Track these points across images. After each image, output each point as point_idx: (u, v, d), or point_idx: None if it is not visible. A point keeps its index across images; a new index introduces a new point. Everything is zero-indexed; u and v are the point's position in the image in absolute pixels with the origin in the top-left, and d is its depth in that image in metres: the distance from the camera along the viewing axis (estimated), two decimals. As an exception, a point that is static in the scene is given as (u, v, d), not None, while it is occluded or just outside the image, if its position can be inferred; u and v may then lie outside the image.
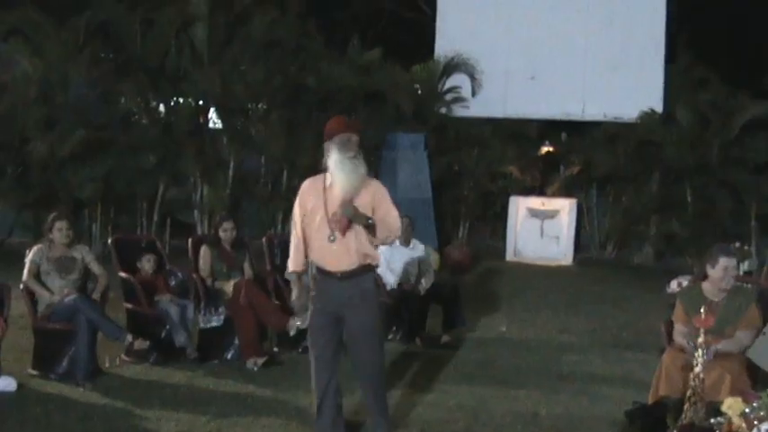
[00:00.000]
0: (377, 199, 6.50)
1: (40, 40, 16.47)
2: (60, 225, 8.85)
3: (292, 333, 9.21)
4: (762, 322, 7.30)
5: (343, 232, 6.42)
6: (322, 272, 6.57)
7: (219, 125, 18.19)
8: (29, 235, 15.22)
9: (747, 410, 5.67)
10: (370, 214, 6.41)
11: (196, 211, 17.82)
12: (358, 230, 6.45)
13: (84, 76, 16.31)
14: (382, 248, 10.37)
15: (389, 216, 6.53)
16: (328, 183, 6.50)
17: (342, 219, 6.37)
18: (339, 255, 6.45)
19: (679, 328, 7.43)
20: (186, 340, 9.26)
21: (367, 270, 6.58)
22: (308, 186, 6.65)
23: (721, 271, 7.26)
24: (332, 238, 6.43)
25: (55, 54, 16.36)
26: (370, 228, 6.43)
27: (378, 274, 10.26)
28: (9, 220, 16.60)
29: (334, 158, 6.44)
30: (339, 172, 6.41)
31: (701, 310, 6.43)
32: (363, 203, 6.42)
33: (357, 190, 6.40)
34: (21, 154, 15.74)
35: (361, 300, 6.52)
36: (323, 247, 6.49)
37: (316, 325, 6.64)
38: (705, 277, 7.45)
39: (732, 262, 7.29)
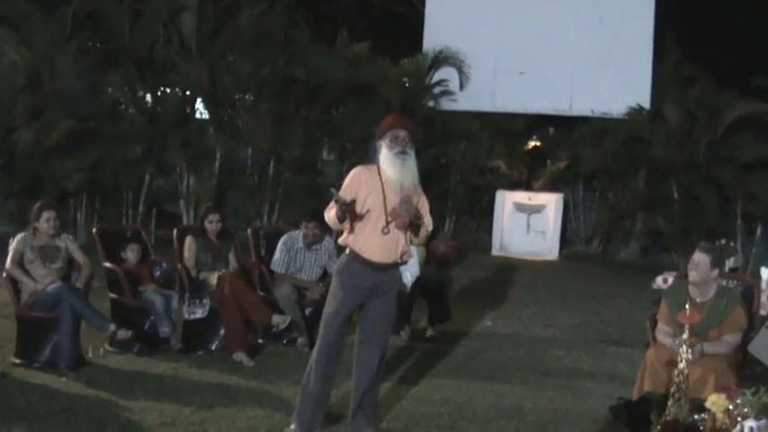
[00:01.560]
0: (422, 201, 6.76)
1: (28, 29, 16.35)
2: (48, 215, 8.80)
3: (282, 327, 9.24)
4: (747, 323, 7.33)
5: (404, 228, 6.60)
6: (361, 260, 6.64)
7: (206, 116, 18.15)
8: (13, 224, 15.13)
9: (731, 407, 5.69)
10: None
11: (182, 202, 17.78)
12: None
13: (71, 66, 16.23)
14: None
15: (427, 216, 6.78)
16: (384, 178, 6.61)
17: (403, 216, 6.52)
18: (388, 247, 6.62)
19: (662, 327, 7.46)
20: (171, 331, 9.24)
21: (396, 266, 6.75)
22: (363, 174, 6.70)
23: (692, 264, 7.29)
24: (386, 230, 6.58)
25: (42, 43, 16.27)
26: (418, 228, 6.64)
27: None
28: (-7, 210, 16.57)
29: (384, 155, 6.62)
30: (391, 169, 6.58)
31: (686, 306, 6.43)
32: (412, 200, 6.63)
33: (412, 185, 6.66)
34: (6, 143, 15.64)
35: (389, 292, 6.75)
36: (374, 238, 6.60)
37: (338, 312, 6.72)
38: (686, 276, 7.49)
39: (704, 258, 7.28)
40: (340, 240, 6.76)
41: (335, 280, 6.80)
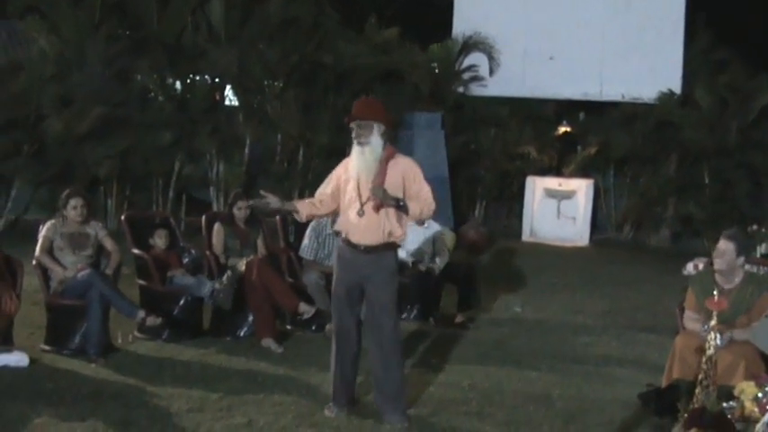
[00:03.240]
0: (408, 177, 6.81)
1: (57, 17, 16.41)
2: (75, 202, 8.82)
3: (307, 317, 9.26)
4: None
5: (377, 210, 6.71)
6: (347, 243, 6.89)
7: (236, 103, 18.17)
8: (45, 212, 15.18)
9: (760, 395, 5.63)
10: (400, 192, 6.74)
11: (212, 189, 17.82)
12: (388, 209, 6.75)
13: (100, 54, 16.28)
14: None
15: (422, 193, 6.81)
16: None
17: (374, 200, 6.68)
18: (365, 229, 6.79)
19: (690, 315, 7.39)
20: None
21: (390, 247, 6.87)
22: (347, 162, 6.99)
23: (717, 252, 7.23)
24: (360, 213, 6.76)
25: (71, 32, 16.34)
26: (401, 208, 6.73)
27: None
28: (25, 197, 16.62)
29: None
30: (354, 158, 6.86)
31: (714, 293, 6.37)
32: (393, 182, 6.73)
33: (369, 171, 6.74)
34: (37, 131, 15.72)
35: (380, 275, 6.82)
36: (351, 221, 6.83)
37: (337, 294, 7.00)
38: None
39: (729, 245, 7.21)
40: (334, 227, 7.03)
41: (335, 263, 7.08)
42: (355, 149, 6.81)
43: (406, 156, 7.00)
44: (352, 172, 6.84)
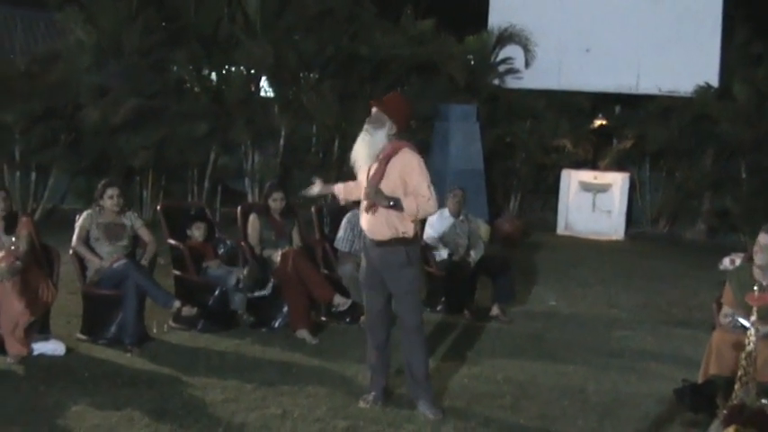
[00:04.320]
0: (405, 171, 6.75)
1: (94, 8, 16.54)
2: (111, 192, 8.87)
3: (341, 309, 9.28)
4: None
5: (370, 211, 6.81)
6: (365, 235, 7.03)
7: (271, 94, 18.20)
8: (81, 201, 15.31)
9: (800, 391, 5.59)
10: (400, 190, 6.70)
11: (247, 180, 17.87)
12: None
13: (136, 45, 16.37)
14: (432, 220, 10.42)
15: (420, 189, 6.72)
16: None
17: (370, 200, 6.77)
18: (373, 224, 6.86)
19: (726, 311, 7.29)
20: (241, 303, 9.28)
21: (398, 242, 6.81)
22: None
23: (758, 247, 7.14)
24: (367, 208, 6.84)
25: (108, 22, 16.45)
26: (395, 207, 6.70)
27: (427, 245, 10.30)
28: (62, 187, 16.77)
29: None
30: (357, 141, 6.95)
31: (755, 288, 6.31)
32: (392, 180, 6.72)
33: (366, 159, 6.87)
34: (74, 121, 15.83)
35: (390, 270, 6.86)
36: (363, 216, 6.92)
37: (363, 281, 7.14)
38: (752, 258, 7.33)
39: None
40: None
41: (363, 252, 7.21)
42: (360, 135, 6.87)
43: (439, 148, 7.05)
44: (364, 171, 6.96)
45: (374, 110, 6.84)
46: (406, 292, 6.87)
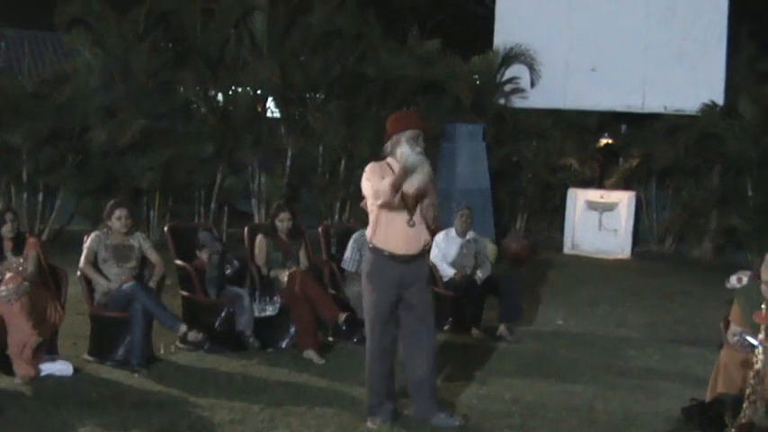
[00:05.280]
0: (432, 194, 6.87)
1: (102, 29, 16.66)
2: (119, 213, 8.88)
3: (343, 325, 9.29)
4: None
5: (413, 223, 6.82)
6: (386, 254, 6.84)
7: (278, 114, 18.24)
8: (89, 222, 15.36)
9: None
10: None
11: (254, 200, 17.89)
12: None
13: (144, 66, 16.45)
14: (438, 239, 10.43)
15: (433, 204, 6.88)
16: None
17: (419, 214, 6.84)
18: (413, 239, 6.85)
19: (734, 329, 7.27)
20: (248, 324, 9.28)
21: (424, 254, 7.03)
22: (378, 170, 6.91)
23: (765, 263, 7.12)
24: (411, 223, 6.79)
25: (116, 44, 16.57)
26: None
27: (433, 264, 10.31)
28: (69, 208, 16.79)
29: (401, 151, 6.74)
30: (417, 168, 6.63)
31: (763, 306, 6.31)
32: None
33: (428, 185, 6.71)
34: (81, 142, 15.89)
35: (420, 283, 6.92)
36: (400, 231, 6.81)
37: (379, 315, 6.92)
38: (759, 276, 7.32)
39: None
40: (375, 243, 6.93)
41: (365, 283, 7.00)
42: (419, 160, 6.64)
43: (446, 167, 7.12)
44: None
45: (422, 133, 6.93)
46: (430, 306, 6.98)
